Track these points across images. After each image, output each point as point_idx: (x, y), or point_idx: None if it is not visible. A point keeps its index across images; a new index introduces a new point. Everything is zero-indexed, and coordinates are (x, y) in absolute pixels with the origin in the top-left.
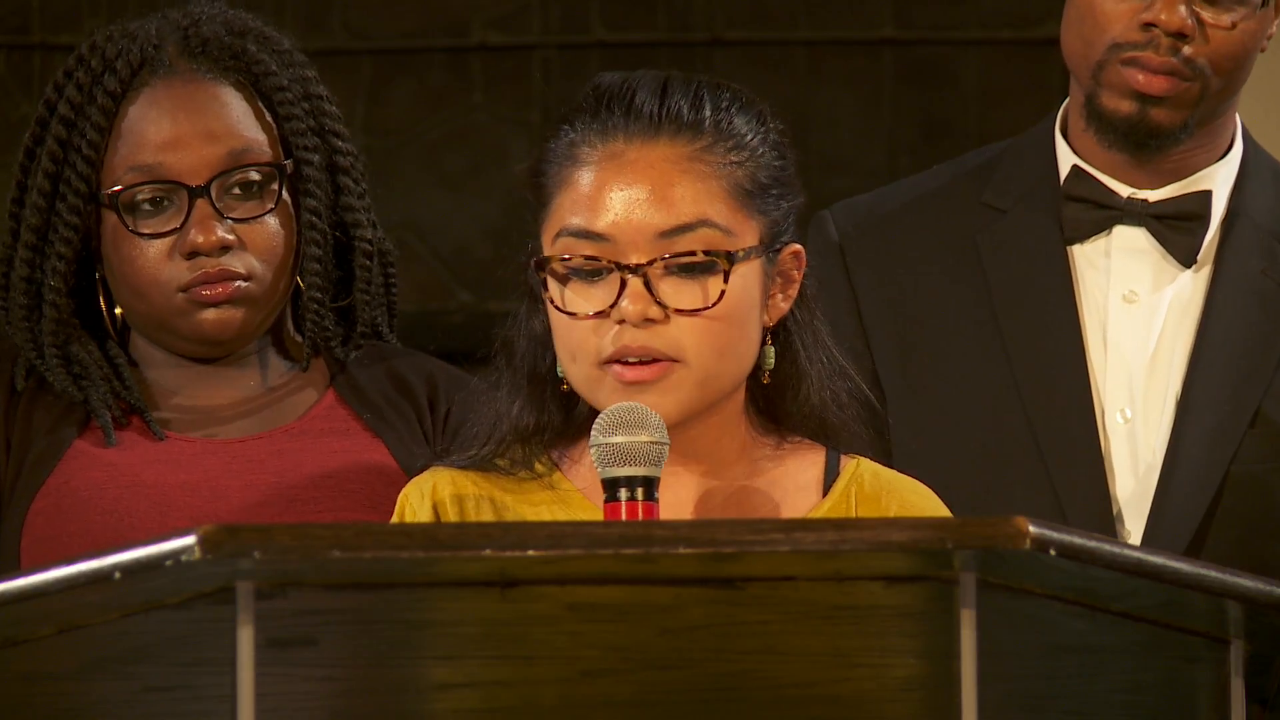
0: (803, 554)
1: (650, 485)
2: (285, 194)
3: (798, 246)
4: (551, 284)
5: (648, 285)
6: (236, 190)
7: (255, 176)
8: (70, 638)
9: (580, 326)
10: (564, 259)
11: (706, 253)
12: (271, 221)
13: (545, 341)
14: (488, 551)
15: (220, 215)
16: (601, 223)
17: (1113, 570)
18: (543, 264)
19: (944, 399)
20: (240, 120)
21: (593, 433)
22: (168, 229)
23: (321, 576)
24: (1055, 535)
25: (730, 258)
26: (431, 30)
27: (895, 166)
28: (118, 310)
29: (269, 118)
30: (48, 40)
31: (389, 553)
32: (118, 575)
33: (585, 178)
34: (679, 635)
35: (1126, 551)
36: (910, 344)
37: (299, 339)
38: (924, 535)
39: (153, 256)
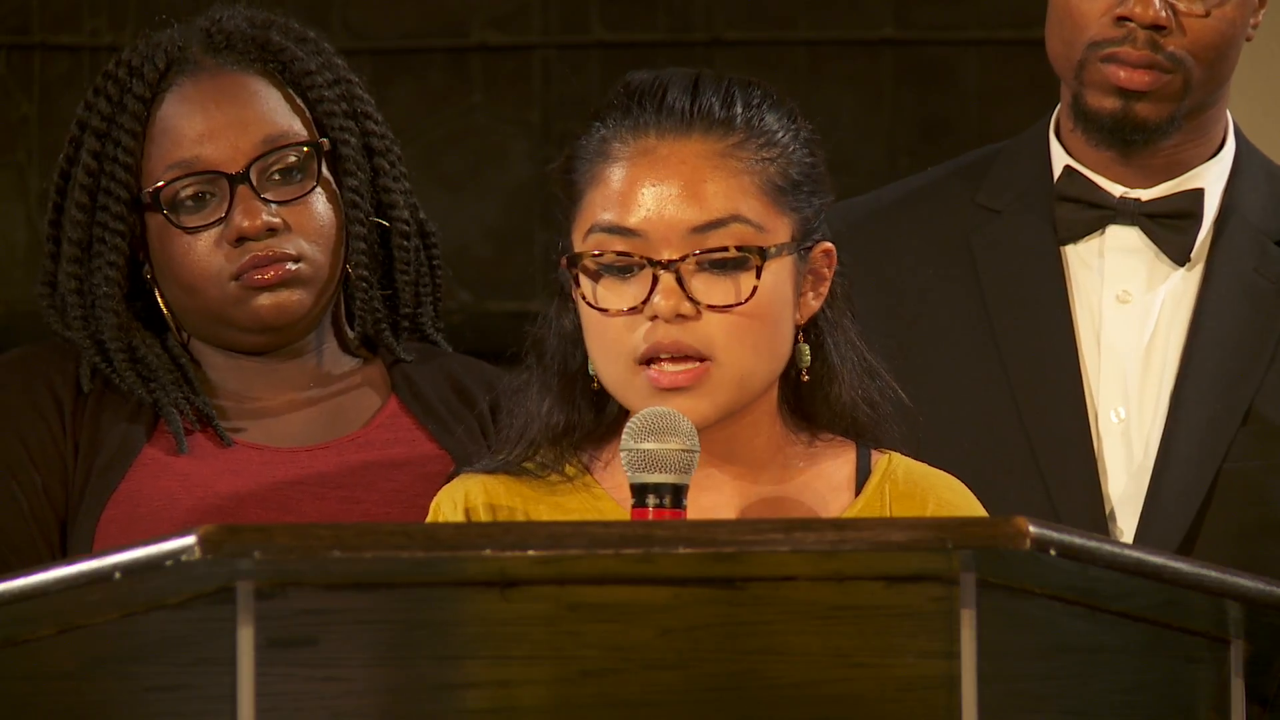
0: (803, 554)
1: (679, 493)
2: (326, 174)
3: (829, 245)
4: (583, 281)
5: (680, 281)
6: (276, 175)
7: (293, 159)
8: (70, 638)
9: (613, 324)
10: (595, 255)
11: (739, 248)
12: (316, 203)
13: (575, 340)
14: (488, 552)
15: (263, 199)
16: (633, 218)
17: (1113, 570)
18: (574, 260)
19: (938, 399)
20: (272, 108)
21: (624, 437)
22: (212, 220)
23: (321, 576)
24: (1055, 535)
25: (763, 253)
26: (431, 30)
27: (895, 166)
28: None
29: (300, 103)
30: (48, 40)
31: (389, 553)
32: (118, 575)
33: (617, 174)
34: (679, 635)
35: (1126, 551)
36: (904, 345)
37: (353, 334)
38: (924, 535)
39: (201, 249)
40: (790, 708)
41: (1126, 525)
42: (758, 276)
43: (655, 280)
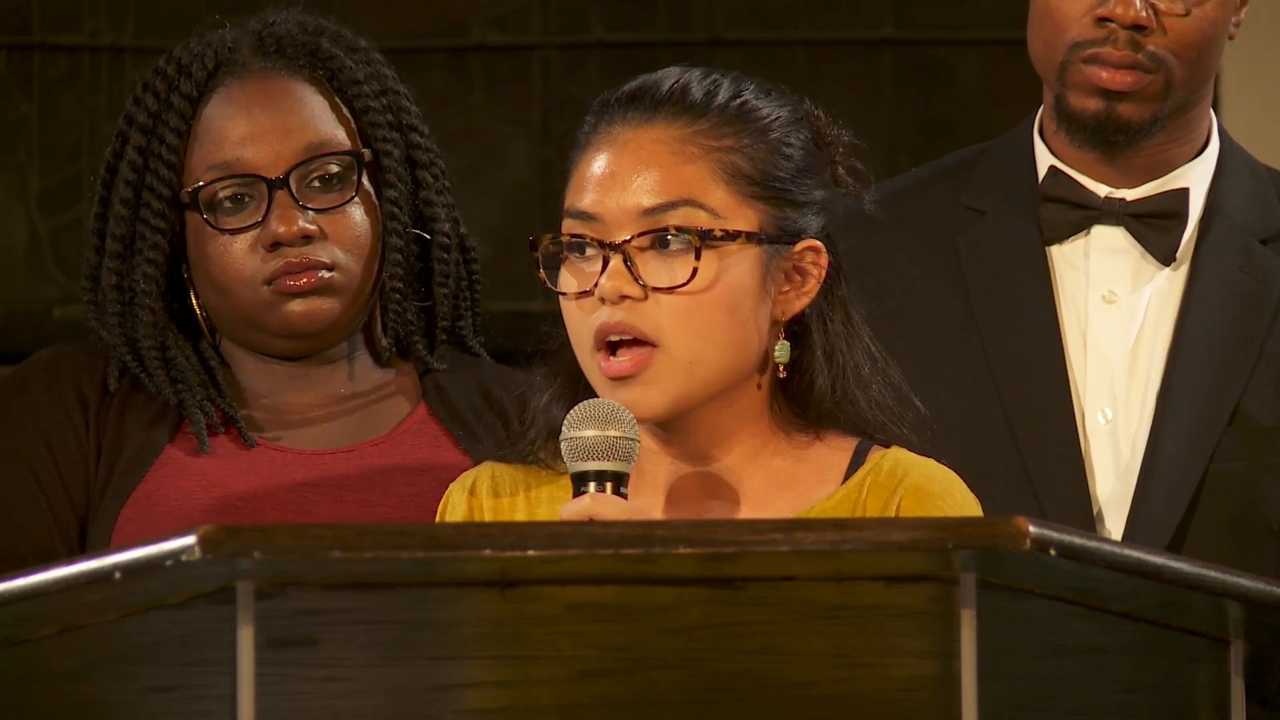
0: (803, 554)
1: (620, 480)
2: (366, 184)
3: (815, 242)
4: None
5: (627, 262)
6: (316, 183)
7: (334, 168)
8: (70, 638)
9: (575, 309)
10: (554, 239)
11: (678, 229)
12: (354, 213)
13: None
14: (488, 551)
15: (301, 206)
16: (592, 203)
17: (1113, 570)
18: (535, 244)
19: (924, 400)
20: (317, 115)
21: (563, 427)
22: (249, 223)
23: (321, 576)
24: (1055, 535)
25: (702, 235)
26: (431, 30)
27: (895, 166)
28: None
29: (346, 112)
30: (48, 40)
31: (389, 553)
32: (118, 575)
33: (585, 162)
34: (679, 635)
35: (1126, 551)
36: (890, 345)
37: (385, 342)
38: (924, 535)
39: (236, 252)
40: (790, 708)
41: (1114, 526)
42: (697, 259)
43: (605, 262)
